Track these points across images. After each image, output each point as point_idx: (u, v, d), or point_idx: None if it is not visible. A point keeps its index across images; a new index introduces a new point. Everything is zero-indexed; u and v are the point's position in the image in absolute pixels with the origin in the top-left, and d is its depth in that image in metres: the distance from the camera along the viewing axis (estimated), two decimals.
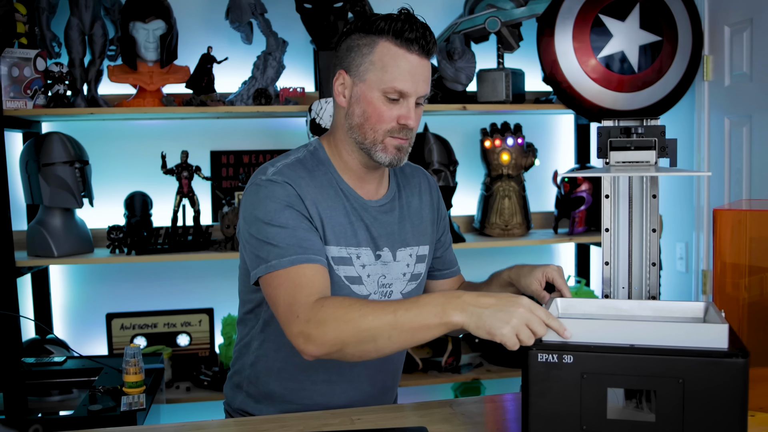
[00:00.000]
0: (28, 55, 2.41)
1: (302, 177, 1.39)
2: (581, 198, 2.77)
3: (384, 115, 1.37)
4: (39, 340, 2.45)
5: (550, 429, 1.11)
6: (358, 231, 1.44)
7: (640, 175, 1.28)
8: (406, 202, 1.54)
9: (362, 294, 1.44)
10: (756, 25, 2.55)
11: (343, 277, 1.41)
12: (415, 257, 1.52)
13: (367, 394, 1.51)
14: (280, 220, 1.32)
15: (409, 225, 1.52)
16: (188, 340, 2.74)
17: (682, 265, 2.98)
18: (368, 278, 1.44)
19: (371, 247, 1.45)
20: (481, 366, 2.79)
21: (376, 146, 1.39)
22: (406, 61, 1.35)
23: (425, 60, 1.38)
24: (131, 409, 1.65)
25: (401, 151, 1.40)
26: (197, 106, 2.50)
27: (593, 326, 1.12)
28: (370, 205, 1.47)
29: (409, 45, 1.35)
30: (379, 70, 1.36)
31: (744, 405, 1.05)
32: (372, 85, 1.36)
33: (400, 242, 1.49)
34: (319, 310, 1.21)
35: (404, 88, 1.35)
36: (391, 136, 1.38)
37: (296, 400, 1.48)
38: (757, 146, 2.56)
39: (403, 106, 1.37)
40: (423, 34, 1.36)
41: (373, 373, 1.50)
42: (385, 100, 1.36)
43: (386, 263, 1.47)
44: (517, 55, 2.79)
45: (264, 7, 2.59)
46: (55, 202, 2.44)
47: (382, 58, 1.36)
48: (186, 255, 2.51)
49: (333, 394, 1.48)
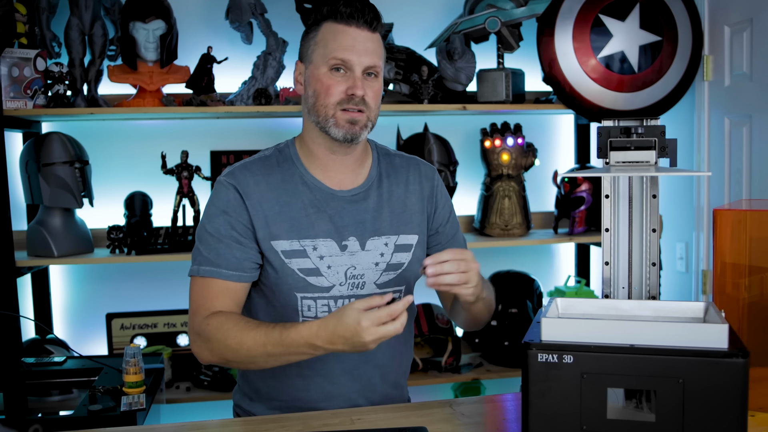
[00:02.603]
0: (28, 55, 2.41)
1: (254, 176, 1.46)
2: (581, 198, 2.77)
3: (331, 88, 1.41)
4: (39, 340, 2.45)
5: (550, 429, 1.11)
6: (317, 223, 1.45)
7: (640, 175, 1.28)
8: (387, 191, 1.53)
9: (323, 286, 1.45)
10: (756, 25, 2.55)
11: (297, 269, 1.43)
12: (393, 246, 1.51)
13: (348, 388, 1.49)
14: (212, 227, 1.44)
15: (388, 213, 1.51)
16: (188, 340, 2.74)
17: (682, 265, 2.98)
18: (329, 269, 1.45)
19: (334, 238, 1.46)
20: (481, 366, 2.79)
21: (328, 121, 1.42)
22: (345, 34, 1.41)
23: (367, 32, 1.43)
24: (131, 409, 1.65)
25: (356, 125, 1.43)
26: (197, 106, 2.50)
27: (593, 326, 1.12)
28: (339, 195, 1.48)
29: (348, 20, 1.41)
30: (321, 47, 1.43)
31: (744, 405, 1.05)
32: (318, 63, 1.43)
33: (371, 231, 1.49)
34: (206, 327, 1.37)
35: (344, 56, 1.40)
36: (342, 109, 1.41)
37: (278, 396, 1.50)
38: (757, 146, 2.56)
39: (349, 78, 1.41)
40: (361, 8, 1.42)
41: (350, 367, 1.49)
42: (330, 73, 1.42)
43: (353, 253, 1.47)
44: (517, 55, 2.79)
45: (264, 7, 2.59)
46: (55, 202, 2.44)
47: (324, 36, 1.43)
48: (186, 255, 2.50)
49: (308, 389, 1.48)
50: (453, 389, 2.87)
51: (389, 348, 1.51)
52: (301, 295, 1.45)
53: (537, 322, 1.18)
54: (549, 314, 1.20)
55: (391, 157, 1.59)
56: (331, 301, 1.46)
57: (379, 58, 1.45)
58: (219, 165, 2.79)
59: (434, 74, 2.69)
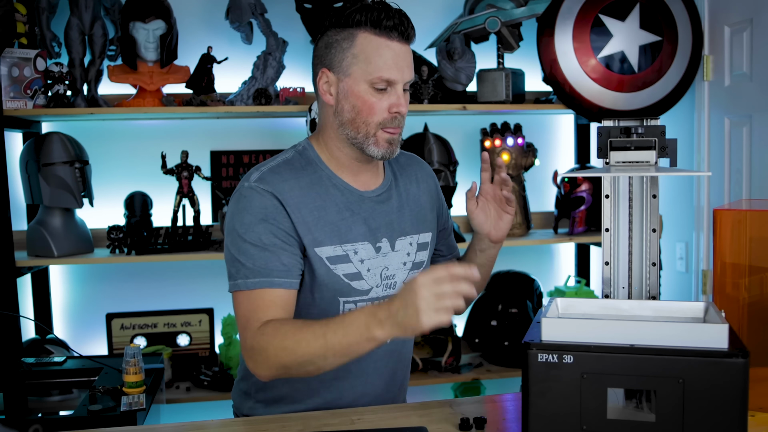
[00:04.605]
0: (28, 55, 2.41)
1: (286, 180, 1.38)
2: (581, 198, 2.77)
3: (375, 106, 1.36)
4: (39, 340, 2.45)
5: (550, 429, 1.11)
6: (354, 226, 1.43)
7: (640, 175, 1.28)
8: (404, 190, 1.53)
9: (363, 289, 1.43)
10: (756, 25, 2.55)
11: (342, 275, 1.41)
12: (416, 245, 1.51)
13: (378, 388, 1.49)
14: (252, 236, 1.34)
15: (408, 213, 1.51)
16: (188, 340, 2.74)
17: (682, 265, 2.98)
18: (368, 272, 1.44)
19: (370, 240, 1.44)
20: (481, 366, 2.79)
21: (368, 140, 1.38)
22: (389, 49, 1.35)
23: (406, 46, 1.38)
24: (131, 409, 1.65)
25: (393, 144, 1.41)
26: (197, 106, 2.50)
27: (593, 326, 1.12)
28: (367, 196, 1.46)
29: (389, 33, 1.35)
30: (362, 62, 1.35)
31: (744, 405, 1.05)
32: (358, 78, 1.36)
33: (399, 231, 1.48)
34: (261, 338, 1.27)
35: (391, 76, 1.35)
36: (383, 128, 1.38)
37: (304, 399, 1.47)
38: (757, 146, 2.56)
39: (392, 95, 1.37)
40: (401, 20, 1.36)
41: (382, 366, 1.49)
42: (373, 91, 1.36)
43: (386, 254, 1.46)
44: (517, 55, 2.79)
45: (264, 7, 2.59)
46: (55, 202, 2.44)
47: (364, 49, 1.35)
48: (186, 255, 2.51)
49: (343, 389, 1.46)
50: (453, 389, 2.87)
51: (409, 343, 1.58)
52: (344, 299, 1.43)
53: (537, 322, 1.18)
54: (549, 314, 1.20)
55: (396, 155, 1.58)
56: (369, 303, 1.42)
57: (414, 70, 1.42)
58: (219, 165, 2.79)
59: (434, 74, 2.69)
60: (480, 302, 2.83)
